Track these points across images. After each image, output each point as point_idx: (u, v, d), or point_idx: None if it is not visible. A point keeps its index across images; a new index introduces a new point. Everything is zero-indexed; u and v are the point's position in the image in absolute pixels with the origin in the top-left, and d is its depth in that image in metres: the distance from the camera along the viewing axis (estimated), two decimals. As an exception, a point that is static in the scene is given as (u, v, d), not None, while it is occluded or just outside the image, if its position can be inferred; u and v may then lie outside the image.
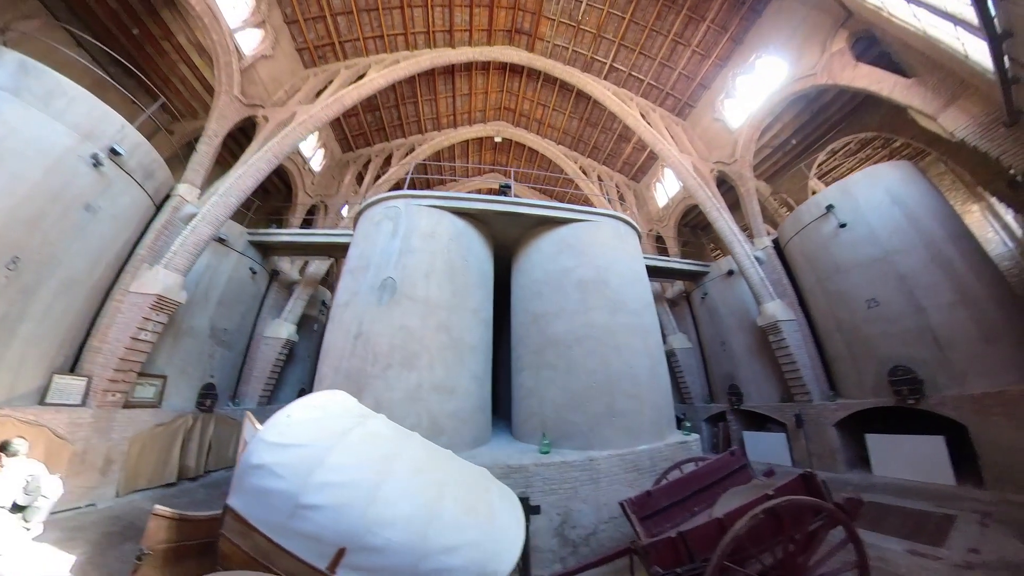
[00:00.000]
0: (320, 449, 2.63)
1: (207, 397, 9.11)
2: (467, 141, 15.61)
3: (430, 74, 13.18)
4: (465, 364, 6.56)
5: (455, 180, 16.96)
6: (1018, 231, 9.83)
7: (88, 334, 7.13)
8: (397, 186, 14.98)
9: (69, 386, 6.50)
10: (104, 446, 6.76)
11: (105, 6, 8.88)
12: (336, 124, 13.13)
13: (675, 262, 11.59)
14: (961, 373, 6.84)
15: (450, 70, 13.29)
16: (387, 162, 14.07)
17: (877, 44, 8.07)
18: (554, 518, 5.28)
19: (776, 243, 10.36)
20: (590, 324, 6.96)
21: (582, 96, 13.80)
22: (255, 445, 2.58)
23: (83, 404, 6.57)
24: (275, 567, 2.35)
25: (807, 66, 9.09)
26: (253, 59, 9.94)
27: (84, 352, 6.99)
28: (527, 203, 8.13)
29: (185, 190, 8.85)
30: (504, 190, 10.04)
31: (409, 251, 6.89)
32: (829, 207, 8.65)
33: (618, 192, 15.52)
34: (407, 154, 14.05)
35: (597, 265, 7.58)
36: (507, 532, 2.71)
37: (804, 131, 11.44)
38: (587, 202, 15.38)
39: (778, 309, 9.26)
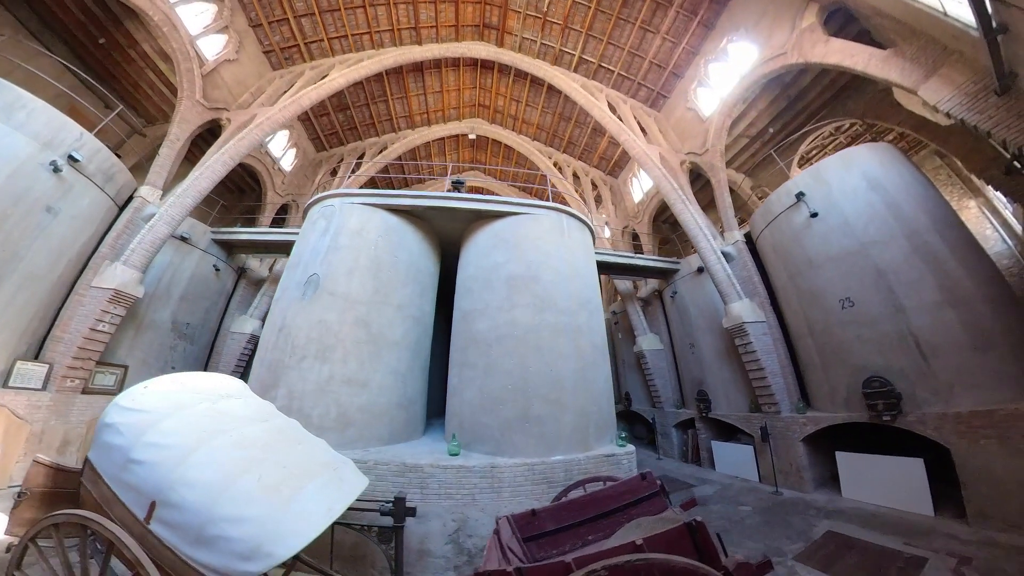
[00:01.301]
0: (158, 415, 2.86)
1: (167, 388, 9.07)
2: (443, 139, 14.99)
3: (399, 72, 12.65)
4: (382, 359, 6.24)
5: (434, 179, 16.43)
6: (1018, 228, 8.28)
7: (52, 325, 7.23)
8: (373, 183, 14.74)
9: (30, 371, 6.61)
10: (62, 428, 6.84)
11: (73, 18, 8.83)
12: (308, 124, 12.82)
13: (640, 258, 10.46)
14: (946, 386, 5.59)
15: (419, 68, 12.72)
16: (361, 161, 13.77)
17: (855, 22, 6.88)
18: (449, 524, 4.83)
19: (748, 238, 9.21)
20: (513, 323, 6.23)
21: (554, 90, 12.93)
22: (110, 407, 2.92)
23: (43, 388, 6.67)
24: (112, 513, 2.56)
25: (777, 46, 7.95)
26: (216, 63, 9.77)
27: (47, 341, 7.09)
28: (457, 197, 7.54)
29: (146, 191, 9.00)
30: (456, 186, 9.48)
31: (336, 248, 6.69)
32: (799, 195, 7.43)
33: (593, 188, 14.58)
34: (379, 152, 13.64)
35: (528, 260, 6.81)
36: (302, 519, 2.61)
37: (782, 119, 10.17)
38: (562, 200, 14.55)
39: (744, 310, 8.13)
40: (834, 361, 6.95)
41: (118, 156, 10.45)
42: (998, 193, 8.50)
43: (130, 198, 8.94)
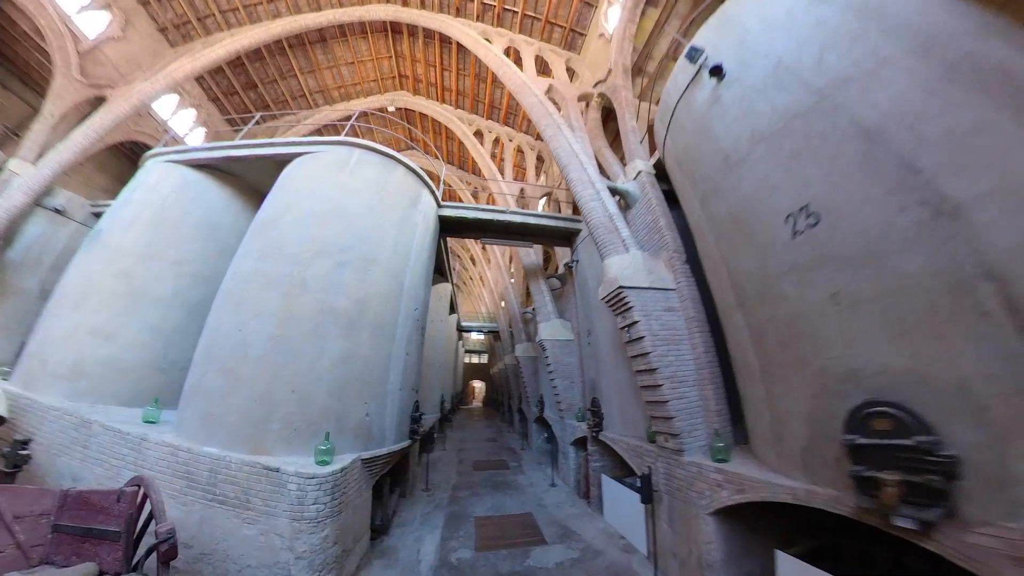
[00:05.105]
0: None
1: (24, 351, 7.97)
2: (368, 115, 12.69)
3: (303, 45, 10.43)
4: (139, 314, 5.11)
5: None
6: None
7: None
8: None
9: None
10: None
11: (-50, 2, 7.99)
12: (219, 104, 11.22)
13: (519, 214, 6.48)
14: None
15: (323, 38, 10.46)
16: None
17: None
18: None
19: (662, 169, 5.20)
20: (233, 274, 4.30)
21: (465, 48, 9.99)
22: None
23: None
24: None
25: None
26: (97, 42, 8.41)
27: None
28: (243, 144, 5.69)
29: (16, 164, 7.95)
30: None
31: (127, 203, 5.69)
32: (692, 53, 3.40)
33: (516, 154, 11.15)
34: (289, 130, 11.68)
35: (281, 202, 4.58)
36: None
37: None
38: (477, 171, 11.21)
39: (629, 267, 4.16)
40: (781, 360, 2.74)
41: (16, 136, 9.87)
42: None
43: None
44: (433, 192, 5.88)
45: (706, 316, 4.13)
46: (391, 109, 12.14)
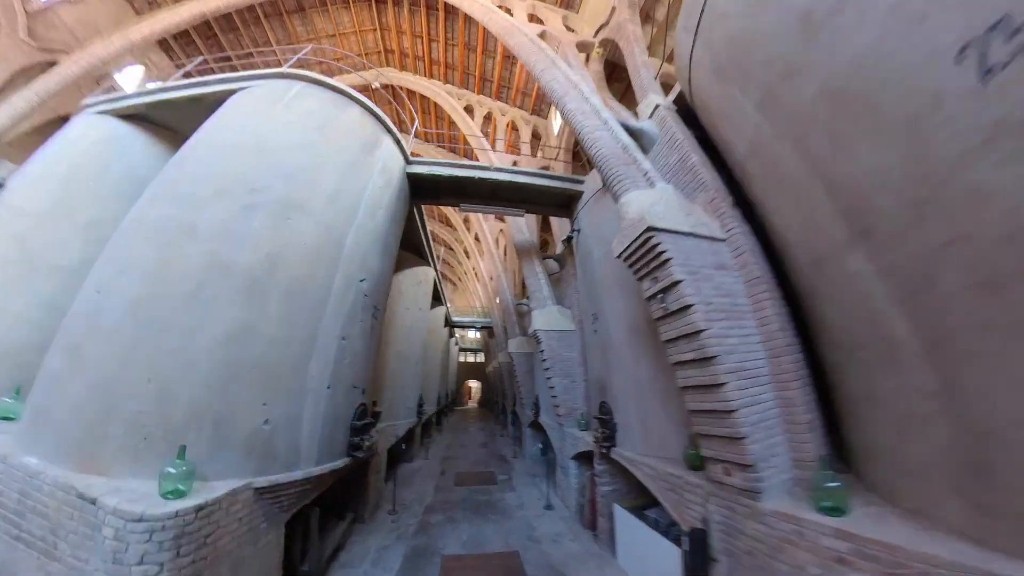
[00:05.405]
0: None
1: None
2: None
3: (280, 15, 9.70)
4: (32, 285, 4.10)
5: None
6: None
7: None
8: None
9: None
10: None
11: None
12: (189, 77, 10.53)
13: (505, 172, 5.10)
14: None
15: (301, 7, 9.75)
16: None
17: None
18: None
19: (684, 105, 3.92)
20: (120, 227, 3.14)
21: (452, 13, 9.03)
22: None
23: None
24: None
25: None
26: (50, 3, 7.73)
27: None
28: (176, 86, 4.80)
29: None
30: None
31: (42, 160, 4.72)
32: None
33: (510, 131, 10.02)
34: None
35: (197, 139, 3.63)
36: None
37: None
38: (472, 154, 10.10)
39: (660, 202, 2.77)
40: (984, 321, 1.46)
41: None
42: None
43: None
44: (399, 143, 4.74)
45: (773, 276, 2.82)
46: (375, 86, 11.18)
